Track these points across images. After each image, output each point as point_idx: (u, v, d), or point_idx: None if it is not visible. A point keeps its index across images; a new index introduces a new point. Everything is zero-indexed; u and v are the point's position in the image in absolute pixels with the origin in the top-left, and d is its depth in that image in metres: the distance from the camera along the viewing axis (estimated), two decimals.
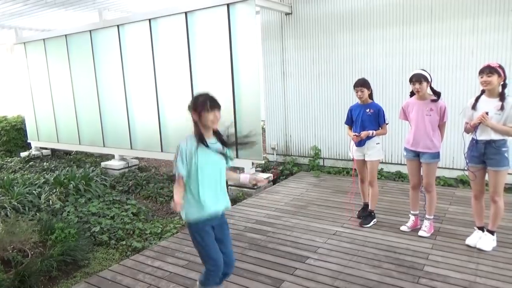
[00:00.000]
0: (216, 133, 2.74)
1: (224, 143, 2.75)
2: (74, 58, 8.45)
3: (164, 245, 4.12)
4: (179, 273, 3.50)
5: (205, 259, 2.73)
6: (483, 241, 3.68)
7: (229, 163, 2.81)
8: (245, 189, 6.07)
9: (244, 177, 2.99)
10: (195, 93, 2.72)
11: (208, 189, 2.65)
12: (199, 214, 2.65)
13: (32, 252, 3.93)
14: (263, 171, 6.93)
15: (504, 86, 3.45)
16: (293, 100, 7.27)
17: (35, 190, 5.93)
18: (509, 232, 4.02)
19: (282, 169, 7.06)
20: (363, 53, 6.40)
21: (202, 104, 2.59)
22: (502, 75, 3.40)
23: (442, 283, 3.13)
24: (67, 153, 10.21)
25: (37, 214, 5.17)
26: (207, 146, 2.63)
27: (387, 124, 4.33)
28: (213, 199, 2.68)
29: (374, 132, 4.24)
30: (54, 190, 5.97)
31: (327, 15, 6.65)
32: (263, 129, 7.68)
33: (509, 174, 3.80)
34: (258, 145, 5.97)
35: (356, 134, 4.31)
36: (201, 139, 2.63)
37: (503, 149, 3.47)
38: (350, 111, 4.46)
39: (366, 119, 4.26)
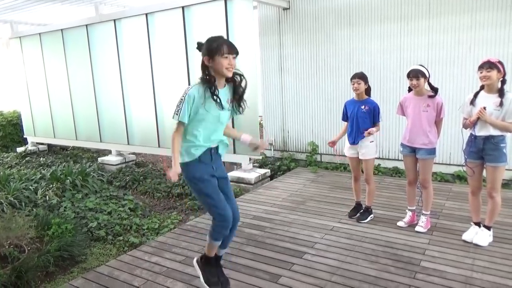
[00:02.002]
0: (230, 81, 2.61)
1: (236, 92, 2.64)
2: (71, 52, 8.40)
3: (162, 240, 4.12)
4: (176, 268, 3.50)
5: (211, 211, 2.65)
6: (480, 236, 3.70)
7: (234, 115, 2.74)
8: (243, 185, 6.07)
9: (245, 137, 2.85)
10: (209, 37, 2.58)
11: (208, 134, 2.60)
12: (195, 153, 2.58)
13: (29, 248, 3.91)
14: (260, 167, 6.92)
15: (503, 82, 3.44)
16: (291, 96, 7.25)
17: (31, 186, 5.91)
18: (506, 227, 4.04)
19: (280, 165, 7.06)
20: (361, 49, 6.38)
21: (218, 48, 2.43)
22: (502, 70, 3.39)
23: (438, 278, 3.14)
24: (64, 148, 10.17)
25: (34, 209, 5.15)
26: (217, 96, 2.49)
27: (379, 122, 4.26)
28: (211, 141, 2.63)
29: (374, 129, 4.15)
30: (51, 186, 5.95)
31: (325, 10, 6.62)
32: (261, 125, 7.66)
33: (506, 170, 3.82)
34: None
35: (333, 141, 4.42)
36: (212, 88, 2.48)
37: (502, 145, 3.47)
38: (345, 107, 4.38)
39: (361, 116, 4.18)
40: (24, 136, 10.28)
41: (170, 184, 6.32)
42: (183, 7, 6.40)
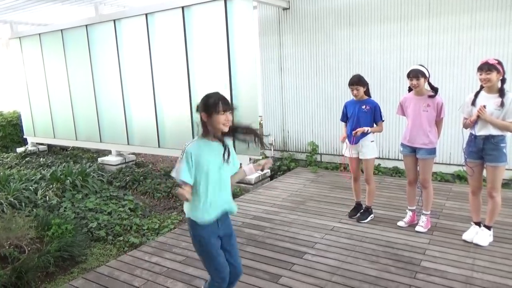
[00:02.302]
0: (227, 134, 2.59)
1: (235, 139, 2.62)
2: (70, 53, 8.40)
3: (162, 240, 4.12)
4: (177, 268, 3.50)
5: (209, 269, 2.60)
6: (480, 236, 3.70)
7: (234, 167, 2.69)
8: (243, 185, 6.07)
9: (249, 169, 2.83)
10: (205, 94, 2.56)
11: (214, 192, 2.51)
12: (203, 218, 2.50)
13: (29, 248, 3.91)
14: None
15: (503, 81, 3.44)
16: (291, 96, 7.25)
17: (31, 186, 5.91)
18: (506, 227, 4.04)
19: (280, 165, 7.06)
20: (361, 49, 6.38)
21: (214, 105, 2.43)
22: (501, 71, 3.39)
23: (439, 278, 3.14)
24: (64, 148, 10.17)
25: (34, 210, 5.15)
26: (223, 142, 2.50)
27: (383, 121, 4.26)
28: (218, 203, 2.54)
29: (370, 129, 4.17)
30: (51, 186, 5.95)
31: (324, 10, 6.62)
32: (261, 125, 7.67)
33: (506, 169, 3.82)
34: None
35: (346, 135, 4.32)
36: (212, 138, 2.49)
37: (502, 145, 3.47)
38: (345, 107, 4.36)
39: (362, 115, 4.18)
40: (24, 137, 10.27)
41: (170, 184, 6.32)
42: (183, 7, 6.40)
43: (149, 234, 4.56)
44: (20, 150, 9.86)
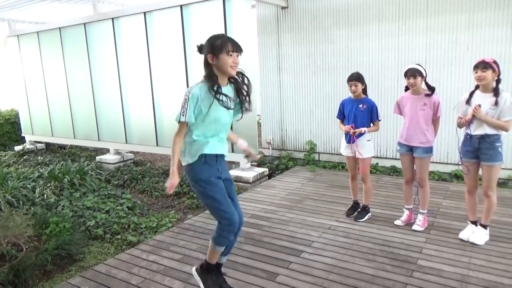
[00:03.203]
0: (232, 80, 2.55)
1: (240, 91, 2.57)
2: (68, 51, 8.39)
3: (159, 239, 4.13)
4: (174, 267, 3.50)
5: (217, 214, 2.54)
6: (476, 235, 3.72)
7: (238, 115, 2.68)
8: (241, 184, 6.07)
9: (241, 143, 2.88)
10: (212, 35, 2.50)
11: (212, 136, 2.52)
12: (198, 152, 2.49)
13: (27, 246, 3.91)
14: (258, 166, 6.93)
15: (498, 81, 3.46)
16: (289, 95, 7.26)
17: (29, 184, 5.90)
18: (502, 226, 4.06)
19: (278, 164, 7.07)
20: (359, 48, 6.40)
21: (222, 46, 2.36)
22: (497, 70, 3.41)
23: (435, 277, 3.16)
24: (62, 147, 10.16)
25: (32, 208, 5.15)
26: (221, 94, 2.43)
27: (379, 120, 4.27)
28: (216, 144, 2.55)
29: (367, 129, 4.19)
30: (49, 184, 5.95)
31: (323, 9, 6.63)
32: (259, 124, 7.68)
33: (502, 169, 3.84)
34: (253, 140, 5.97)
35: (350, 126, 4.25)
36: (215, 86, 2.42)
37: (497, 144, 3.49)
38: (342, 105, 4.38)
39: (359, 114, 4.20)
40: (22, 135, 10.26)
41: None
42: (181, 6, 6.40)
43: (147, 233, 4.57)
44: (18, 148, 9.85)
